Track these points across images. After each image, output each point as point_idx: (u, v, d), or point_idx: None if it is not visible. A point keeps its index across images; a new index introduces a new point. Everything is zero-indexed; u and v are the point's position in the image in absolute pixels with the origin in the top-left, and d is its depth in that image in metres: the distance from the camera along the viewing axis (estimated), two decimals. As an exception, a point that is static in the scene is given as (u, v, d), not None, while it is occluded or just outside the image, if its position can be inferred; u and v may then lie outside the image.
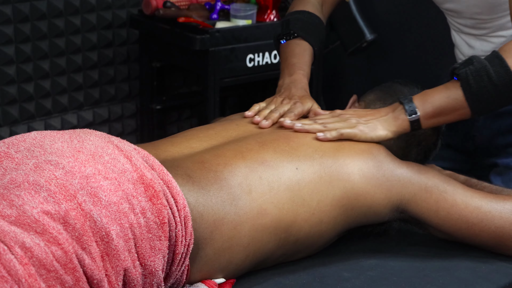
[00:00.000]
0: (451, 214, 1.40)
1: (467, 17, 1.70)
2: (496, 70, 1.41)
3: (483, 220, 1.39)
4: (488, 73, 1.41)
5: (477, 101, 1.43)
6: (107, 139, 1.23)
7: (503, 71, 1.41)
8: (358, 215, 1.40)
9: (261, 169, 1.32)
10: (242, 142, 1.38)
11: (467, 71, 1.43)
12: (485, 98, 1.43)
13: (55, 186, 1.08)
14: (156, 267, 1.15)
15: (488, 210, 1.39)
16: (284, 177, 1.33)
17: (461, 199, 1.40)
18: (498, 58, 1.42)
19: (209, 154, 1.34)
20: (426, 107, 1.45)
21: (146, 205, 1.14)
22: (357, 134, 1.44)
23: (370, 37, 2.65)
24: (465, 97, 1.43)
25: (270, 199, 1.30)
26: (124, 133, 2.92)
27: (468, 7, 1.67)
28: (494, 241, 1.40)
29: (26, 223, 1.04)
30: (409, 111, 1.46)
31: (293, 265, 1.38)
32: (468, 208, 1.39)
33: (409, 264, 1.40)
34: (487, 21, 1.67)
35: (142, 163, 1.19)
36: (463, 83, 1.43)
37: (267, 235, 1.30)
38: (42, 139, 1.18)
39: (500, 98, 1.43)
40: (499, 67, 1.41)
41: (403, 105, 1.46)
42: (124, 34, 2.82)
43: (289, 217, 1.32)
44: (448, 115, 1.46)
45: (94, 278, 1.07)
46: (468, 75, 1.43)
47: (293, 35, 1.74)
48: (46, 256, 1.03)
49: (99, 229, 1.08)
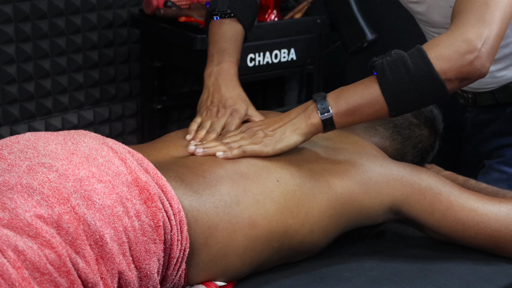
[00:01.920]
0: (446, 216, 1.39)
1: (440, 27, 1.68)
2: (415, 61, 1.30)
3: (479, 223, 1.38)
4: (406, 63, 1.30)
5: (394, 94, 1.31)
6: (102, 141, 1.22)
7: (422, 62, 1.30)
8: (348, 220, 1.39)
9: (243, 181, 1.30)
10: None
11: (383, 61, 1.32)
12: (402, 91, 1.31)
13: (48, 189, 1.08)
14: (151, 270, 1.14)
15: (484, 212, 1.38)
16: (267, 189, 1.31)
17: (456, 201, 1.39)
18: (418, 50, 1.32)
19: (190, 161, 1.33)
20: (340, 105, 1.34)
21: (141, 208, 1.14)
22: (262, 151, 1.34)
23: (371, 37, 2.65)
24: (381, 90, 1.31)
25: (258, 211, 1.28)
26: (124, 132, 2.92)
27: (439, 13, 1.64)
28: (491, 244, 1.40)
29: (19, 227, 1.03)
30: (321, 110, 1.34)
31: (294, 265, 1.38)
32: (464, 210, 1.38)
33: (410, 264, 1.40)
34: None
35: (137, 165, 1.18)
36: (379, 74, 1.32)
37: (260, 245, 1.29)
38: (36, 140, 1.18)
39: (419, 92, 1.31)
40: (418, 58, 1.30)
41: (316, 103, 1.36)
42: (125, 33, 2.82)
43: (280, 228, 1.31)
44: (363, 113, 1.34)
45: (89, 281, 1.07)
46: (384, 65, 1.32)
47: (229, 14, 1.62)
48: (40, 259, 1.02)
49: (93, 233, 1.08)
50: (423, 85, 1.30)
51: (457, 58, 1.29)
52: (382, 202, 1.39)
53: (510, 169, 1.72)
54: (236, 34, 1.63)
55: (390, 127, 1.59)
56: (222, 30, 1.62)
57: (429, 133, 1.63)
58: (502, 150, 1.75)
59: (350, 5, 2.67)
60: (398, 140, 1.58)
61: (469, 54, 1.29)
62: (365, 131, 1.57)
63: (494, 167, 1.73)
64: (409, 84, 1.31)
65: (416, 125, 1.60)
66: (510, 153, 1.74)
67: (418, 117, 1.61)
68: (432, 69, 1.29)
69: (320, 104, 1.35)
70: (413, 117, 1.60)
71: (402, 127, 1.59)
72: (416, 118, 1.61)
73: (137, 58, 2.86)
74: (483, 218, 1.38)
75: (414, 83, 1.30)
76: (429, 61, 1.29)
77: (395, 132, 1.59)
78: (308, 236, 1.35)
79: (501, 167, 1.72)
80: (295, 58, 2.68)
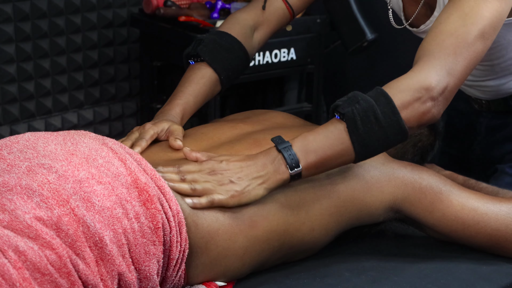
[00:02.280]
0: (446, 215, 1.39)
1: None
2: (383, 110, 1.27)
3: (479, 222, 1.38)
4: (375, 113, 1.26)
5: (364, 145, 1.27)
6: (101, 141, 1.22)
7: (390, 111, 1.27)
8: (349, 219, 1.39)
9: None
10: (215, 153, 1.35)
11: (353, 110, 1.27)
12: (372, 141, 1.28)
13: (47, 191, 1.08)
14: (151, 271, 1.14)
15: (484, 212, 1.38)
16: None
17: (457, 200, 1.39)
18: (384, 96, 1.28)
19: None
20: (309, 157, 1.27)
21: (140, 210, 1.14)
22: (228, 203, 1.24)
23: (371, 36, 2.65)
24: (351, 141, 1.27)
25: (259, 211, 1.28)
26: (124, 132, 2.92)
27: None
28: (491, 243, 1.40)
29: (19, 229, 1.03)
30: (290, 163, 1.26)
31: (294, 265, 1.38)
32: (464, 209, 1.38)
33: (410, 264, 1.40)
34: None
35: (137, 166, 1.18)
36: (350, 125, 1.26)
37: (260, 245, 1.29)
38: (36, 141, 1.18)
39: (385, 141, 1.29)
40: (385, 106, 1.27)
41: (281, 153, 1.26)
42: (125, 33, 2.82)
43: (280, 227, 1.31)
44: (332, 164, 1.29)
45: (89, 283, 1.07)
46: (356, 115, 1.26)
47: (199, 57, 1.58)
48: (40, 259, 1.02)
49: (92, 235, 1.08)
50: (390, 134, 1.28)
51: (418, 106, 1.29)
52: (383, 201, 1.39)
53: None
54: (201, 77, 1.57)
55: None
56: (189, 73, 1.59)
57: (428, 132, 1.63)
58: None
59: (350, 4, 2.66)
60: None
61: (429, 101, 1.29)
62: None
63: (506, 171, 1.74)
64: (377, 133, 1.28)
65: None
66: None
67: None
68: (399, 118, 1.28)
69: (287, 154, 1.26)
70: None
71: None
72: None
73: (137, 57, 2.86)
74: (483, 217, 1.38)
75: (383, 132, 1.28)
76: (397, 111, 1.27)
77: None
78: (308, 234, 1.34)
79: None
80: (295, 57, 2.68)
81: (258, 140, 1.40)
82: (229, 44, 1.61)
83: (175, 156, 1.36)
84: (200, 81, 1.56)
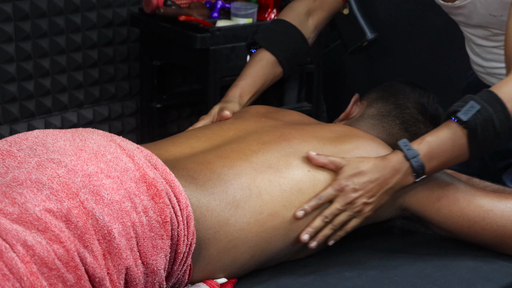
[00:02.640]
0: (452, 211, 1.39)
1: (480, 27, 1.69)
2: (500, 119, 1.33)
3: (485, 219, 1.39)
4: (494, 124, 1.33)
5: (479, 150, 1.36)
6: (110, 138, 1.23)
7: (505, 119, 1.34)
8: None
9: (270, 172, 1.31)
10: (243, 144, 1.37)
11: (476, 120, 1.33)
12: (486, 146, 1.36)
13: (57, 184, 1.08)
14: (158, 266, 1.15)
15: (490, 208, 1.39)
16: (296, 179, 1.33)
17: (463, 197, 1.40)
18: (499, 104, 1.34)
19: (211, 155, 1.33)
20: (432, 164, 1.35)
21: (148, 204, 1.14)
22: (363, 222, 1.37)
23: (371, 36, 2.65)
24: (468, 147, 1.34)
25: (282, 201, 1.30)
26: (124, 131, 2.92)
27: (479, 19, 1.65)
28: (496, 240, 1.40)
29: (28, 221, 1.04)
30: (417, 172, 1.34)
31: (294, 264, 1.38)
32: (470, 206, 1.39)
33: (410, 263, 1.40)
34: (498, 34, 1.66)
35: (145, 162, 1.19)
36: (471, 133, 1.34)
37: (276, 235, 1.30)
38: (45, 137, 1.18)
39: (497, 145, 1.37)
40: (502, 115, 1.33)
41: (409, 161, 1.34)
42: (125, 32, 2.82)
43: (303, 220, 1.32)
44: (447, 166, 1.38)
45: (96, 276, 1.07)
46: (477, 125, 1.33)
47: (257, 45, 1.70)
48: (48, 254, 1.03)
49: (101, 228, 1.08)
50: (502, 138, 1.36)
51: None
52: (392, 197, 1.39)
53: None
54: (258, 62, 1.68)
55: (396, 124, 1.60)
56: (250, 60, 1.70)
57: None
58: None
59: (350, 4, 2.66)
60: (404, 137, 1.58)
61: None
62: (372, 128, 1.58)
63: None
64: (493, 139, 1.35)
65: (422, 122, 1.61)
66: None
67: (424, 114, 1.62)
68: None
69: (416, 164, 1.34)
70: (419, 114, 1.61)
71: (409, 124, 1.60)
72: (422, 115, 1.61)
73: (136, 57, 2.86)
74: (489, 214, 1.39)
75: (497, 138, 1.35)
76: (510, 117, 1.34)
77: (402, 129, 1.60)
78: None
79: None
80: (295, 57, 2.68)
81: (284, 134, 1.41)
82: (284, 29, 1.71)
83: (199, 148, 1.37)
84: (257, 63, 1.68)
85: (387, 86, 1.68)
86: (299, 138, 1.40)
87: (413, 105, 1.61)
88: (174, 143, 1.39)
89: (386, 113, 1.61)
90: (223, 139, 1.41)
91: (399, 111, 1.61)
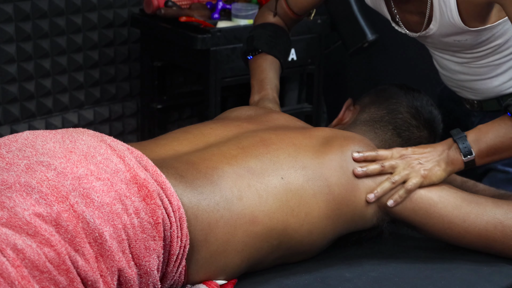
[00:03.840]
0: (430, 213, 1.39)
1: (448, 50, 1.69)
2: None
3: (465, 221, 1.39)
4: None
5: None
6: (100, 139, 1.22)
7: None
8: (345, 222, 1.39)
9: (248, 176, 1.31)
10: (223, 147, 1.37)
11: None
12: None
13: (46, 187, 1.08)
14: (151, 267, 1.15)
15: (468, 210, 1.39)
16: (271, 185, 1.32)
17: (438, 198, 1.40)
18: None
19: (195, 157, 1.33)
20: (481, 146, 1.43)
21: (140, 205, 1.14)
22: (423, 183, 1.41)
23: (371, 37, 2.65)
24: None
25: (260, 207, 1.29)
26: (124, 132, 2.92)
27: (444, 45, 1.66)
28: (481, 243, 1.40)
29: (18, 225, 1.03)
30: (463, 151, 1.42)
31: (294, 266, 1.38)
32: (447, 207, 1.39)
33: (411, 265, 1.40)
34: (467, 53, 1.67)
35: (135, 163, 1.18)
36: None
37: (259, 242, 1.30)
38: (34, 139, 1.18)
39: None
40: None
41: (457, 143, 1.43)
42: (125, 33, 2.82)
43: (280, 226, 1.31)
44: (502, 153, 1.44)
45: (89, 279, 1.07)
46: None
47: (257, 50, 1.78)
48: (39, 257, 1.02)
49: (92, 231, 1.08)
50: None
51: None
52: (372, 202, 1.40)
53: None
54: (270, 64, 1.78)
55: (389, 129, 1.59)
56: (257, 64, 1.79)
57: (428, 134, 1.63)
58: None
59: (351, 5, 2.66)
60: (397, 142, 1.58)
61: None
62: (364, 134, 1.57)
63: (498, 169, 1.74)
64: None
65: (415, 126, 1.61)
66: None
67: (417, 119, 1.61)
68: None
69: (462, 145, 1.43)
70: (412, 119, 1.61)
71: (402, 129, 1.59)
72: (415, 119, 1.61)
73: (137, 57, 2.86)
74: (469, 216, 1.39)
75: None
76: None
77: (395, 134, 1.59)
78: (306, 237, 1.35)
79: (505, 168, 1.73)
80: (296, 58, 2.68)
81: (264, 139, 1.40)
82: (275, 32, 1.81)
83: (182, 150, 1.36)
84: (271, 66, 1.78)
85: (380, 90, 1.67)
86: (277, 144, 1.39)
87: (406, 110, 1.61)
88: (158, 145, 1.38)
89: (378, 119, 1.60)
90: (204, 143, 1.40)
91: (392, 116, 1.60)
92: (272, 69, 1.78)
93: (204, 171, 1.29)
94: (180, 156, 1.34)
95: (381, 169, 1.41)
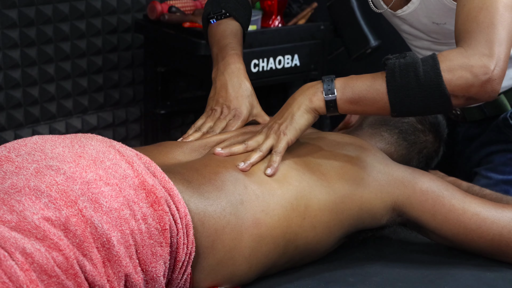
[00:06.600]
0: (448, 218, 1.39)
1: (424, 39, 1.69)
2: (426, 70, 1.30)
3: (481, 226, 1.38)
4: (416, 70, 1.30)
5: (398, 97, 1.32)
6: (109, 144, 1.22)
7: (433, 72, 1.30)
8: (351, 217, 1.39)
9: (241, 177, 1.31)
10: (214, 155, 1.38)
11: (395, 63, 1.33)
12: (407, 96, 1.32)
13: (56, 192, 1.08)
14: (157, 273, 1.15)
15: (486, 216, 1.39)
16: (264, 183, 1.32)
17: (459, 204, 1.39)
18: (432, 59, 1.31)
19: (197, 164, 1.34)
20: (346, 91, 1.35)
21: (147, 211, 1.14)
22: (288, 141, 1.37)
23: (374, 43, 2.65)
24: (387, 90, 1.33)
25: (260, 207, 1.29)
26: (128, 137, 2.92)
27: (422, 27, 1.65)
28: (493, 248, 1.40)
29: (27, 229, 1.04)
30: (326, 90, 1.36)
31: (298, 270, 1.38)
32: (466, 213, 1.39)
33: (414, 270, 1.40)
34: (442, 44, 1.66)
35: (144, 169, 1.19)
36: (389, 75, 1.33)
37: (265, 245, 1.29)
38: (43, 143, 1.18)
39: (423, 101, 1.32)
40: (430, 67, 1.30)
41: (323, 83, 1.38)
42: (129, 38, 2.83)
43: (282, 223, 1.31)
44: (367, 105, 1.36)
45: (96, 284, 1.07)
46: (396, 67, 1.33)
47: (224, 14, 1.66)
48: (47, 261, 1.03)
49: (100, 236, 1.08)
50: (428, 95, 1.31)
51: (468, 77, 1.29)
52: (383, 200, 1.40)
53: (497, 175, 1.72)
54: (235, 30, 1.65)
55: (395, 132, 1.60)
56: (221, 29, 1.65)
57: (433, 138, 1.64)
58: (491, 157, 1.76)
59: (354, 11, 2.67)
60: (403, 146, 1.58)
61: (482, 75, 1.29)
62: (370, 137, 1.58)
63: (481, 174, 1.75)
64: (415, 90, 1.31)
65: (421, 130, 1.61)
66: (498, 159, 1.74)
67: (423, 123, 1.62)
68: (441, 81, 1.29)
69: (326, 85, 1.37)
70: (418, 123, 1.61)
71: (408, 133, 1.60)
72: (421, 124, 1.61)
73: (141, 63, 2.87)
74: (486, 222, 1.39)
75: (421, 91, 1.31)
76: (440, 73, 1.29)
77: (401, 137, 1.60)
78: (310, 232, 1.34)
79: (488, 173, 1.73)
80: (299, 64, 2.69)
81: None
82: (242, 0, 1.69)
83: (174, 161, 1.37)
84: (237, 33, 1.65)
85: None
86: None
87: None
88: (160, 152, 1.39)
89: (384, 122, 1.61)
90: (197, 154, 1.42)
91: (398, 120, 1.61)
92: (238, 35, 1.65)
93: (209, 176, 1.29)
94: (183, 163, 1.34)
95: (245, 147, 1.38)
